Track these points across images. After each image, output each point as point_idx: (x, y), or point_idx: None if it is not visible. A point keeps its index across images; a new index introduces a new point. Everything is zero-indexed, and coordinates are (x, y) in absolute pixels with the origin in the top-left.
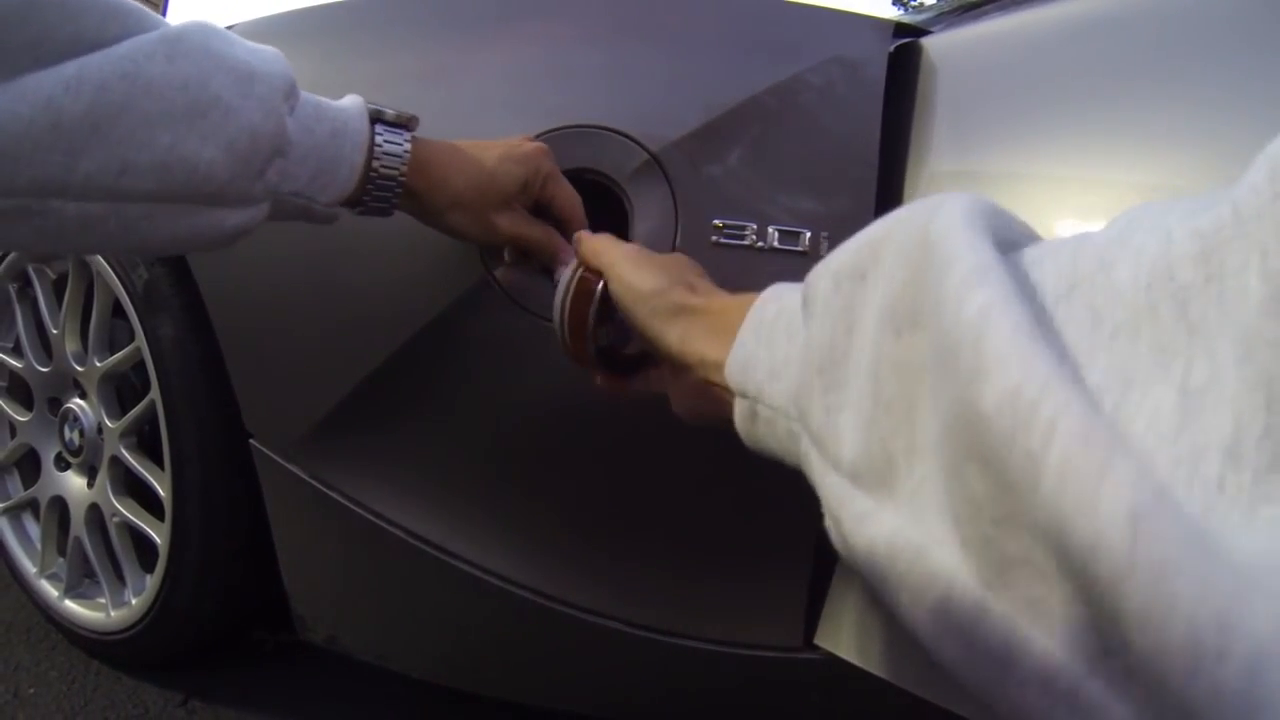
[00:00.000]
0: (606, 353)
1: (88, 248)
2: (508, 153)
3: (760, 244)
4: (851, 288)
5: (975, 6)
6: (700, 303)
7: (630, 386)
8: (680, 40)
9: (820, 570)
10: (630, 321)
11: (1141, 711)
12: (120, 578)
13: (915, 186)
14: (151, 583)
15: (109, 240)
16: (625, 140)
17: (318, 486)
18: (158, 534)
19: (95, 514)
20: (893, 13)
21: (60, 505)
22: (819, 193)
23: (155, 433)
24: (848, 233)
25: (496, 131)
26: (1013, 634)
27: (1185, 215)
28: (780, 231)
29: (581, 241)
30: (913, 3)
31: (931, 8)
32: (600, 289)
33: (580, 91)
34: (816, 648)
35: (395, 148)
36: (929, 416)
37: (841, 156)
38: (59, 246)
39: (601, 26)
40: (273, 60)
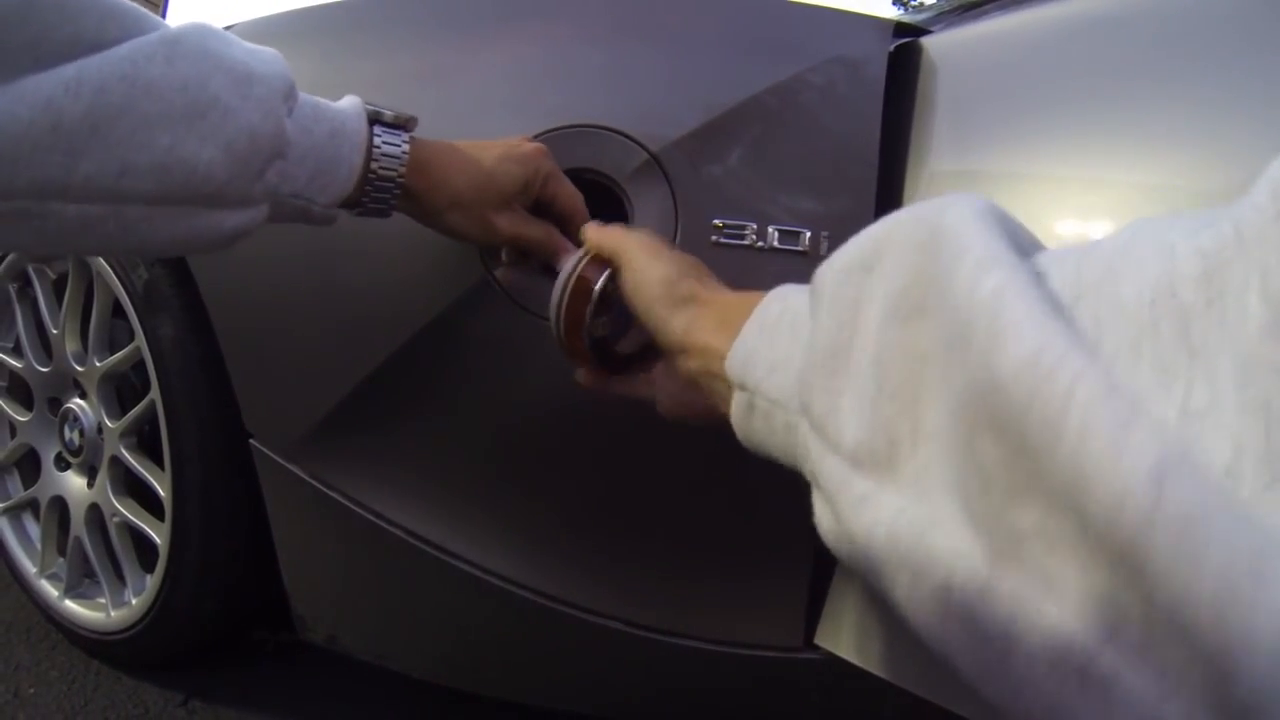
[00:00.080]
0: (600, 345)
1: (87, 249)
2: (507, 153)
3: (760, 244)
4: (859, 279)
5: (975, 6)
6: (708, 295)
7: (613, 388)
8: (680, 40)
9: (820, 570)
10: (635, 308)
11: (1160, 678)
12: (120, 578)
13: (915, 186)
14: (151, 583)
15: (108, 242)
16: (625, 140)
17: (318, 486)
18: (158, 534)
19: (95, 514)
20: (893, 12)
21: (60, 505)
22: (819, 192)
23: (155, 433)
24: (848, 233)
25: (496, 131)
26: (1021, 611)
27: (1188, 232)
28: (780, 231)
29: (591, 230)
30: (913, 2)
31: (931, 7)
32: (603, 278)
33: (580, 91)
34: (816, 647)
35: (394, 149)
36: (935, 400)
37: (841, 156)
38: (58, 248)
39: (601, 26)
40: (271, 61)
